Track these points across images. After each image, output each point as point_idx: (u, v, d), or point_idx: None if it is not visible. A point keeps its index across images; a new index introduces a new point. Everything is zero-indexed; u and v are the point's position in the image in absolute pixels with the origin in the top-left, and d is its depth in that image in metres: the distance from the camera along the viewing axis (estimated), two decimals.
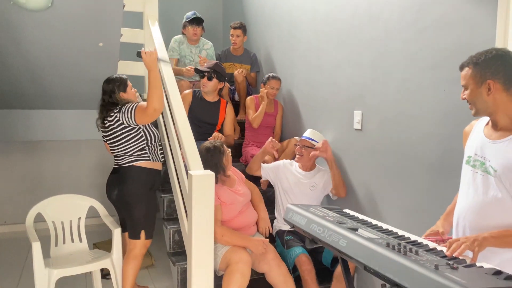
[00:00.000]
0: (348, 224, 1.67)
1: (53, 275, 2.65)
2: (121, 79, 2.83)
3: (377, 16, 2.70)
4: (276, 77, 3.81)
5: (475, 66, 1.57)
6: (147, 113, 2.64)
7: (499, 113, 1.56)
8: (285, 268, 2.77)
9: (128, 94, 2.83)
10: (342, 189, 3.03)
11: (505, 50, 1.57)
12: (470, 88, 1.59)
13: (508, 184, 1.50)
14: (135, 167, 2.75)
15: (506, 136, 1.54)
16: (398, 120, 2.57)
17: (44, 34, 2.97)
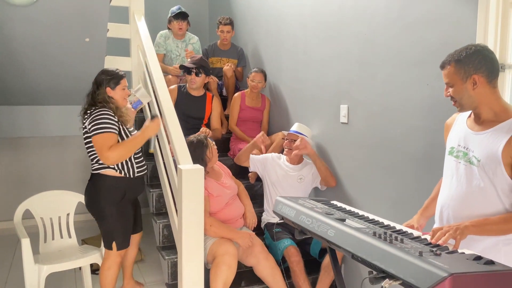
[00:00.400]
0: (336, 215, 1.72)
1: (43, 271, 2.66)
2: (115, 73, 2.62)
3: (363, 11, 2.75)
4: (258, 70, 3.85)
5: (457, 63, 1.61)
6: (101, 153, 2.43)
7: (483, 106, 1.62)
8: (273, 261, 2.81)
9: (115, 93, 2.60)
10: (331, 179, 3.08)
11: (482, 45, 1.62)
12: (455, 85, 1.62)
13: (491, 174, 1.56)
14: (102, 175, 2.56)
15: (489, 128, 1.60)
16: (384, 113, 2.63)
17: (29, 30, 2.95)
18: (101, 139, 2.43)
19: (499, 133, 1.55)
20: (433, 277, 1.17)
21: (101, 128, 2.44)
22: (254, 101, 3.94)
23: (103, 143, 2.43)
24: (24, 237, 2.66)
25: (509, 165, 1.52)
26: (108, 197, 2.55)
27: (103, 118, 2.46)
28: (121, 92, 2.63)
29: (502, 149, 1.52)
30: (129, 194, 2.64)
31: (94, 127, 2.45)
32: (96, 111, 2.49)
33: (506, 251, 1.55)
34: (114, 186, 2.55)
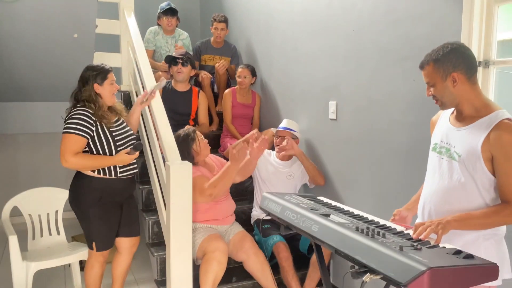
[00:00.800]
0: (320, 211, 1.73)
1: (31, 268, 2.65)
2: (102, 68, 2.48)
3: (351, 8, 2.75)
4: (244, 66, 3.85)
5: (436, 63, 1.62)
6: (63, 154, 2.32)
7: (464, 102, 1.63)
8: (263, 256, 2.82)
9: (104, 88, 2.46)
10: (319, 178, 3.10)
11: (458, 43, 1.63)
12: (436, 84, 1.63)
13: (471, 168, 1.57)
14: (82, 174, 2.47)
15: (469, 123, 1.61)
16: (371, 109, 2.64)
17: (17, 26, 2.93)
18: (69, 140, 2.33)
19: (479, 128, 1.56)
20: (412, 271, 1.18)
21: (72, 128, 2.33)
22: (245, 98, 3.94)
23: (69, 145, 2.33)
24: (11, 234, 2.65)
25: (488, 160, 1.53)
26: (87, 197, 2.44)
27: (79, 118, 2.35)
28: (110, 87, 2.49)
29: (481, 144, 1.53)
30: (112, 196, 2.49)
31: (67, 125, 2.35)
32: (75, 109, 2.39)
33: (486, 245, 1.56)
34: (93, 186, 2.43)
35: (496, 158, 1.52)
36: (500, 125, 1.52)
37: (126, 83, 4.11)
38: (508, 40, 2.05)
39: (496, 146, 1.51)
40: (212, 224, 2.88)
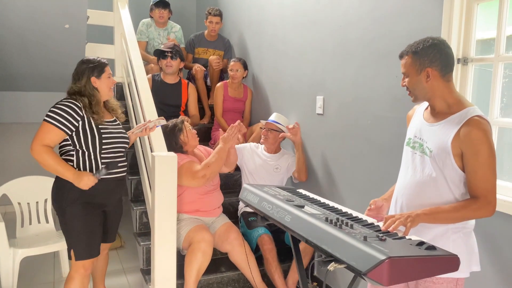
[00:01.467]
0: (296, 202, 1.76)
1: (18, 254, 2.70)
2: (99, 62, 2.35)
3: (338, 5, 2.77)
4: (236, 59, 3.88)
5: (414, 55, 1.64)
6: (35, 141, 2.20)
7: (436, 98, 1.65)
8: (248, 247, 2.87)
9: (101, 82, 2.33)
10: (304, 173, 3.14)
11: (440, 39, 1.65)
12: (410, 76, 1.66)
13: (442, 164, 1.60)
14: None
15: (441, 119, 1.64)
16: (355, 104, 2.67)
17: (8, 16, 2.96)
18: (44, 129, 2.19)
19: (450, 124, 1.59)
20: (372, 260, 1.22)
21: (53, 118, 2.18)
22: (237, 92, 3.96)
23: (42, 134, 2.19)
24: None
25: (458, 156, 1.56)
26: (67, 194, 2.25)
27: (63, 110, 2.20)
28: (107, 81, 2.36)
29: (451, 140, 1.56)
30: (93, 197, 2.29)
31: (49, 113, 2.20)
32: (62, 100, 2.26)
33: (454, 238, 1.60)
34: (71, 185, 2.22)
35: (465, 154, 1.55)
36: (470, 122, 1.54)
37: (119, 74, 4.14)
38: (487, 39, 2.07)
39: (466, 142, 1.54)
40: (199, 215, 2.92)
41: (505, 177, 1.92)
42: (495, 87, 1.91)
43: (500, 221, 1.84)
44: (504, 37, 1.90)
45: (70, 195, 2.25)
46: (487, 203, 1.52)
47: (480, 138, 1.52)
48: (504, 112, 1.94)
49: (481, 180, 1.53)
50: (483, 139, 1.52)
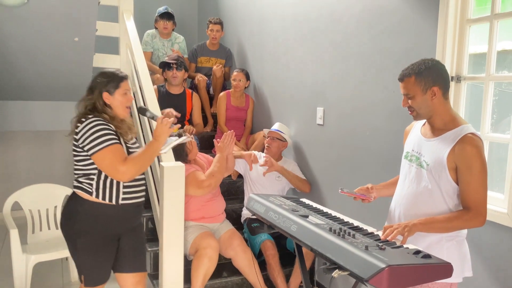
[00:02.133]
0: (300, 212, 1.88)
1: (30, 260, 2.80)
2: (113, 75, 2.14)
3: (338, 20, 2.91)
4: (239, 69, 4.01)
5: (418, 76, 1.74)
6: (116, 168, 2.00)
7: (436, 115, 1.78)
8: (250, 253, 2.98)
9: (114, 99, 2.12)
10: (303, 187, 3.27)
11: (436, 60, 1.78)
12: (416, 96, 1.75)
13: (438, 177, 1.73)
14: (77, 196, 2.10)
15: (438, 135, 1.77)
16: (354, 116, 2.80)
17: (20, 29, 3.06)
18: (110, 153, 2.00)
19: (446, 141, 1.72)
20: (373, 268, 1.34)
21: (104, 141, 2.00)
22: (239, 101, 4.09)
23: (114, 156, 2.00)
24: (12, 228, 2.80)
25: (453, 169, 1.69)
26: (78, 224, 2.09)
27: (102, 129, 2.02)
28: (122, 98, 2.13)
29: (447, 155, 1.69)
30: (108, 226, 2.13)
31: (94, 142, 2.00)
32: (89, 122, 2.03)
33: (448, 246, 1.73)
34: (87, 212, 2.08)
35: (460, 168, 1.68)
36: (464, 139, 1.67)
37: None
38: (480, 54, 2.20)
39: (460, 157, 1.67)
40: (204, 222, 3.03)
41: (496, 189, 2.05)
42: (486, 104, 2.05)
43: (491, 230, 1.97)
44: (494, 57, 2.03)
45: (81, 227, 2.09)
46: (478, 214, 1.65)
47: (473, 154, 1.65)
48: (494, 128, 2.08)
49: (473, 192, 1.66)
50: (476, 155, 1.65)
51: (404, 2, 2.37)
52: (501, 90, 2.09)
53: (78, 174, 2.12)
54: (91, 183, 2.08)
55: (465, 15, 2.12)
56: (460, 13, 2.12)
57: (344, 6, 2.83)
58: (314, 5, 3.16)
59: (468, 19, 2.12)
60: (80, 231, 2.09)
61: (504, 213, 1.92)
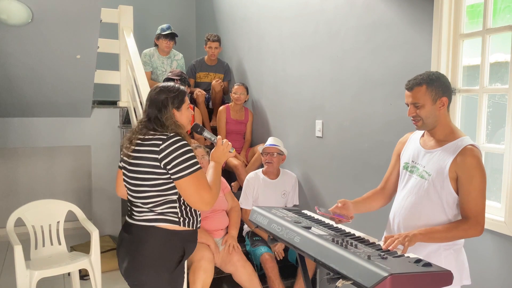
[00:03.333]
0: (303, 223, 1.92)
1: (34, 276, 2.81)
2: (178, 90, 1.96)
3: (335, 35, 2.98)
4: (239, 83, 4.09)
5: (430, 85, 1.77)
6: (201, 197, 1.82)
7: (439, 126, 1.82)
8: (250, 268, 2.98)
9: (182, 114, 1.96)
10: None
11: (441, 73, 1.83)
12: (425, 105, 1.77)
13: (439, 187, 1.78)
14: (157, 229, 1.83)
15: (438, 147, 1.82)
16: (353, 128, 2.86)
17: (23, 48, 3.12)
18: (196, 179, 1.81)
19: (447, 152, 1.77)
20: (376, 277, 1.38)
21: (192, 165, 1.81)
22: (238, 114, 4.15)
23: (200, 184, 1.82)
24: (16, 244, 2.82)
25: (454, 180, 1.75)
26: (169, 259, 1.86)
27: (189, 151, 1.84)
28: (187, 112, 2.00)
29: (449, 166, 1.75)
30: (188, 253, 1.95)
31: (183, 164, 1.79)
32: (176, 140, 1.82)
33: (446, 255, 1.77)
34: (174, 244, 1.86)
35: (461, 179, 1.74)
36: (466, 150, 1.73)
37: (125, 99, 4.31)
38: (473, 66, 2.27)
39: (462, 168, 1.72)
40: None
41: (492, 198, 2.10)
42: (480, 116, 2.11)
43: (489, 238, 2.02)
44: (487, 70, 2.10)
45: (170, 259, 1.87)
46: (476, 223, 1.70)
47: (475, 165, 1.71)
48: (489, 138, 2.14)
49: (472, 202, 1.71)
50: (477, 166, 1.71)
51: (400, 17, 2.45)
52: (495, 102, 2.15)
53: (157, 202, 1.83)
54: (176, 211, 1.86)
55: (458, 30, 2.19)
56: (454, 28, 2.19)
57: (341, 21, 2.91)
58: (311, 20, 3.25)
59: (461, 34, 2.19)
60: (166, 268, 1.86)
61: (501, 222, 1.97)
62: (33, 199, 3.26)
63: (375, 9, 2.61)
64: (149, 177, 1.82)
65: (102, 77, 4.18)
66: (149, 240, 1.84)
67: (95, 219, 4.24)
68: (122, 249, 1.92)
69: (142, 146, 1.85)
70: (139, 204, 1.86)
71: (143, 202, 1.85)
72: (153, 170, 1.81)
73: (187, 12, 5.89)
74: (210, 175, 1.96)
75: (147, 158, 1.82)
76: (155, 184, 1.82)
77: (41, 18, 2.84)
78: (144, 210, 1.85)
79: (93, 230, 3.07)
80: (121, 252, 1.93)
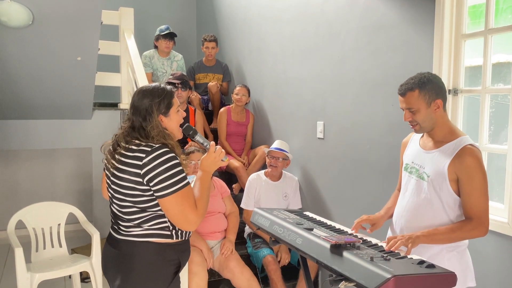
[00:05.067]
0: (305, 225, 1.91)
1: (35, 279, 2.80)
2: (164, 92, 1.75)
3: (336, 37, 2.98)
4: (241, 85, 4.08)
5: (422, 89, 1.75)
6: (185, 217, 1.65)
7: (437, 127, 1.80)
8: (248, 273, 2.92)
9: (170, 120, 1.77)
10: None
11: (432, 73, 1.82)
12: (420, 109, 1.75)
13: (438, 188, 1.77)
14: (148, 244, 1.70)
15: (437, 147, 1.81)
16: (354, 130, 2.85)
17: (24, 50, 3.12)
18: (181, 198, 1.63)
19: (446, 152, 1.76)
20: (379, 278, 1.37)
21: (178, 181, 1.64)
22: (239, 116, 4.14)
23: (186, 202, 1.64)
24: (17, 247, 2.80)
25: (453, 181, 1.73)
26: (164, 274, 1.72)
27: (176, 165, 1.65)
28: (176, 116, 1.80)
29: (447, 166, 1.73)
30: (183, 264, 1.82)
31: (168, 181, 1.62)
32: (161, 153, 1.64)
33: (449, 257, 1.76)
34: (168, 258, 1.73)
35: (461, 179, 1.72)
36: (464, 150, 1.72)
37: (126, 101, 4.30)
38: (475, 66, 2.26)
39: (461, 169, 1.71)
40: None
41: (496, 199, 2.09)
42: (483, 116, 2.10)
43: (493, 239, 2.01)
44: (490, 70, 2.09)
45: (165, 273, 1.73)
46: (480, 224, 1.69)
47: (474, 165, 1.69)
48: (492, 139, 2.13)
49: (475, 203, 1.70)
50: (476, 166, 1.69)
51: (401, 18, 2.44)
52: (497, 102, 2.14)
53: (143, 218, 1.68)
54: (166, 225, 1.71)
55: (460, 30, 2.19)
56: (455, 28, 2.19)
57: (342, 23, 2.91)
58: (312, 22, 3.24)
59: (463, 34, 2.18)
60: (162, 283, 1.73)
61: (505, 223, 1.96)
62: (34, 201, 3.24)
63: (376, 10, 2.61)
64: (132, 193, 1.66)
65: (103, 79, 4.18)
66: (141, 254, 1.69)
67: (96, 221, 4.22)
68: (111, 267, 1.76)
69: (125, 157, 1.67)
70: (125, 219, 1.70)
71: (129, 218, 1.70)
72: (135, 186, 1.65)
73: (188, 14, 5.90)
74: (196, 189, 1.73)
75: (129, 172, 1.65)
76: (139, 201, 1.67)
77: (41, 20, 2.84)
78: (132, 226, 1.70)
79: (94, 233, 3.06)
80: (110, 270, 1.77)
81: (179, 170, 1.65)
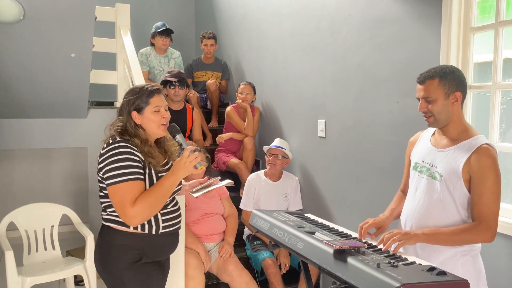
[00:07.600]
0: (306, 228, 1.81)
1: (26, 282, 2.70)
2: (141, 91, 1.83)
3: (337, 32, 2.88)
4: (246, 82, 3.94)
5: (443, 78, 1.65)
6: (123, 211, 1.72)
7: (453, 123, 1.70)
8: (247, 276, 2.83)
9: (145, 118, 1.82)
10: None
11: (456, 67, 1.72)
12: (437, 99, 1.66)
13: (452, 188, 1.67)
14: (112, 229, 1.84)
15: (451, 146, 1.71)
16: (356, 128, 2.75)
17: (16, 46, 3.02)
18: (122, 190, 1.71)
19: (460, 151, 1.66)
20: (387, 287, 1.27)
21: (124, 174, 1.72)
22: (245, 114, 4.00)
23: (126, 195, 1.71)
24: (7, 250, 2.71)
25: (467, 180, 1.64)
26: (121, 259, 1.82)
27: (126, 159, 1.73)
28: (153, 116, 1.82)
29: (462, 165, 1.64)
30: (152, 256, 1.88)
31: (113, 172, 1.72)
32: (115, 147, 1.75)
33: (464, 261, 1.66)
34: (128, 245, 1.82)
35: (473, 179, 1.63)
36: (480, 150, 1.62)
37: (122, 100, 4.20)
38: (484, 62, 2.17)
39: (475, 168, 1.61)
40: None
41: (506, 200, 1.99)
42: (493, 113, 2.00)
43: (503, 242, 1.91)
44: (501, 65, 1.99)
45: (122, 259, 1.82)
46: (487, 228, 1.59)
47: (489, 166, 1.60)
48: (503, 137, 2.03)
49: (484, 205, 1.60)
50: (491, 167, 1.60)
51: (405, 11, 2.34)
52: (508, 99, 2.04)
53: (105, 203, 1.83)
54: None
55: (469, 23, 2.09)
56: (464, 21, 2.09)
57: (344, 17, 2.81)
58: (313, 17, 3.14)
59: (472, 27, 2.08)
60: (122, 266, 1.82)
61: None
62: (28, 202, 3.15)
63: (379, 3, 2.51)
64: (98, 179, 1.84)
65: (98, 77, 4.07)
66: (102, 235, 1.89)
67: (92, 222, 4.13)
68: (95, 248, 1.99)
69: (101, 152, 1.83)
70: (102, 206, 1.88)
71: (100, 202, 1.88)
72: (99, 174, 1.83)
73: (186, 10, 5.79)
74: (152, 187, 1.78)
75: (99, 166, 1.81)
76: (102, 188, 1.83)
77: (33, 14, 2.74)
78: (102, 210, 1.88)
79: (88, 235, 2.97)
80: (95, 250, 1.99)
81: (127, 165, 1.73)
